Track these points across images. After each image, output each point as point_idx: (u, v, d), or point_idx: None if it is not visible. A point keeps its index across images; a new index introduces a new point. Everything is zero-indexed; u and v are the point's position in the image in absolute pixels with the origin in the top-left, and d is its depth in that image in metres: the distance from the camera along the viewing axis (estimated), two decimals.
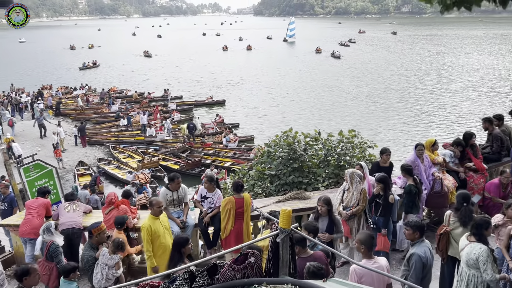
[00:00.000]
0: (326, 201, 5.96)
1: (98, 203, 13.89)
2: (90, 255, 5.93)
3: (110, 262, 5.82)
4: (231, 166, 20.81)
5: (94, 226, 6.02)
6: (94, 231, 5.94)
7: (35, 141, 24.99)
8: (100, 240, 5.99)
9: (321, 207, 5.95)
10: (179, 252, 4.96)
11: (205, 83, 46.59)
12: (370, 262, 4.63)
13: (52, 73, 54.96)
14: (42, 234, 6.39)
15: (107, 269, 5.81)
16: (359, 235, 4.89)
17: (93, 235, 5.97)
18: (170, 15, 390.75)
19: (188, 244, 5.05)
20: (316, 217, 6.07)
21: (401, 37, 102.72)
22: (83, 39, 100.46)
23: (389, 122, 29.37)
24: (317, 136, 9.46)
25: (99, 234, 5.95)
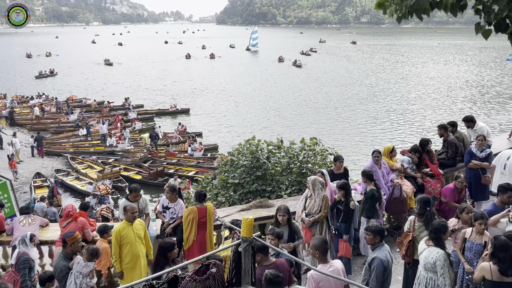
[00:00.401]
0: (287, 210, 5.90)
1: (56, 216, 13.45)
2: (64, 264, 5.70)
3: (85, 270, 5.60)
4: (194, 175, 20.62)
5: (69, 235, 5.81)
6: (68, 239, 5.72)
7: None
8: (74, 250, 5.78)
9: (282, 217, 5.87)
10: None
11: (168, 92, 46.12)
12: (326, 266, 4.67)
13: (6, 82, 52.83)
14: (18, 245, 6.18)
15: (81, 278, 5.58)
16: (312, 241, 4.92)
17: (67, 244, 5.73)
18: (131, 23, 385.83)
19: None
20: (276, 226, 5.97)
21: (360, 46, 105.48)
22: (40, 47, 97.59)
23: (349, 129, 30.01)
24: (279, 144, 9.53)
25: (73, 243, 5.73)
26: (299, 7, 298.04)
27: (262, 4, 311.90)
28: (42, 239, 7.12)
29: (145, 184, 20.08)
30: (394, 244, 6.98)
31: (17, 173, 20.64)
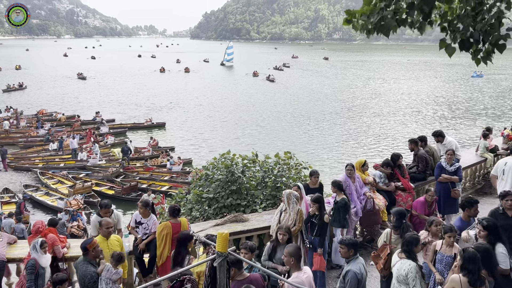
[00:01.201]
0: (288, 230, 5.76)
1: (24, 233, 13.06)
2: (94, 271, 5.66)
3: (115, 276, 5.66)
4: (168, 190, 20.42)
5: (88, 241, 5.77)
6: (89, 246, 5.66)
7: None
8: (96, 255, 5.73)
9: (282, 236, 5.68)
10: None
11: (143, 106, 45.69)
12: (300, 273, 4.73)
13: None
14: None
15: (111, 284, 5.65)
16: (287, 248, 4.94)
17: (88, 251, 5.67)
18: (103, 37, 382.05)
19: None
20: (275, 245, 5.83)
21: (333, 62, 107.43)
22: (10, 60, 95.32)
23: (323, 144, 30.38)
24: (254, 158, 9.55)
25: (94, 249, 5.69)
26: (273, 23, 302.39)
27: (236, 20, 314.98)
28: (10, 257, 6.90)
29: (118, 199, 19.75)
30: (367, 257, 7.07)
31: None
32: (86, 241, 5.87)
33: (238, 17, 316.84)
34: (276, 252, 5.77)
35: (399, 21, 3.04)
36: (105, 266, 5.71)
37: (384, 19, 3.00)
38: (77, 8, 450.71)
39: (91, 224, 7.07)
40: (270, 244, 5.95)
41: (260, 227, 7.45)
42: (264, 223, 7.52)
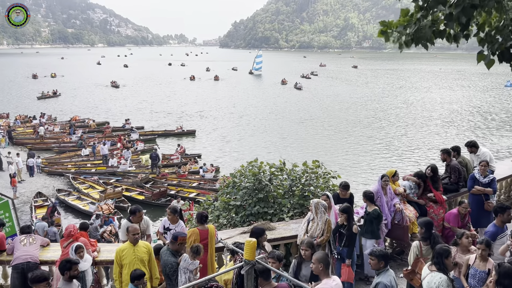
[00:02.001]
0: (310, 244, 5.58)
1: (56, 236, 13.37)
2: (174, 261, 5.96)
3: (191, 267, 5.88)
4: (196, 196, 20.58)
5: (182, 234, 6.09)
6: (180, 239, 5.96)
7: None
8: (179, 249, 6.03)
9: (304, 251, 5.55)
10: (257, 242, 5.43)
11: (173, 113, 46.33)
12: (329, 280, 4.67)
13: (11, 101, 53.33)
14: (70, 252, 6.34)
15: (188, 273, 5.87)
16: (315, 255, 4.87)
17: (176, 242, 5.95)
18: (135, 45, 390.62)
19: (264, 234, 5.86)
20: (299, 262, 5.71)
21: (362, 70, 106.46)
22: (46, 68, 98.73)
23: (352, 153, 30.00)
24: (282, 166, 9.51)
25: (181, 244, 5.99)
26: (302, 32, 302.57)
27: (265, 29, 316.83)
28: (43, 259, 7.08)
29: (147, 204, 20.05)
30: (396, 270, 6.92)
31: (17, 191, 20.62)
32: (180, 233, 6.14)
33: (267, 25, 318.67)
34: (301, 269, 5.68)
35: (436, 32, 2.97)
36: (183, 256, 5.94)
37: (422, 30, 2.94)
38: (111, 18, 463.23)
39: (121, 229, 7.18)
40: (295, 261, 5.88)
41: (287, 236, 7.40)
42: (291, 232, 7.47)
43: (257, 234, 5.77)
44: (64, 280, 5.58)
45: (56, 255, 7.07)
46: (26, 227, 7.65)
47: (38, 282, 5.19)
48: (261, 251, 5.69)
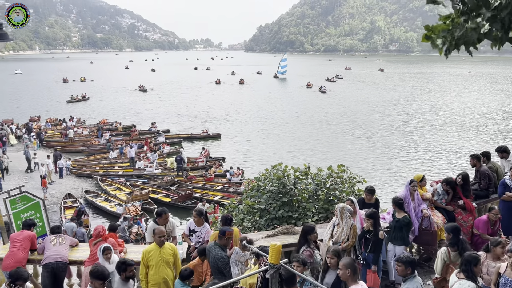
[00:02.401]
0: (336, 253, 5.46)
1: (85, 236, 13.65)
2: (224, 254, 6.06)
3: (242, 258, 6.06)
4: (220, 199, 20.70)
5: (229, 229, 6.22)
6: (228, 233, 6.09)
7: (23, 173, 24.72)
8: (226, 243, 6.14)
9: (330, 259, 5.45)
10: (305, 238, 6.00)
11: (199, 117, 46.78)
12: (357, 286, 4.63)
13: (41, 105, 54.92)
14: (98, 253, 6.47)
15: (240, 265, 6.05)
16: (342, 261, 4.82)
17: (224, 236, 6.07)
18: (162, 50, 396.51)
19: (314, 232, 6.03)
20: (325, 269, 5.65)
21: (389, 74, 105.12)
22: (76, 72, 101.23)
23: (377, 157, 29.61)
24: (306, 170, 9.46)
25: (228, 238, 6.11)
26: (327, 35, 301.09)
27: (290, 32, 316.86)
28: (72, 259, 7.26)
29: (173, 207, 20.29)
30: (423, 276, 6.79)
31: (47, 192, 21.17)
32: (226, 228, 6.25)
33: (292, 29, 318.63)
34: (324, 276, 5.63)
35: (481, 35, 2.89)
36: (234, 249, 6.09)
37: (467, 35, 2.87)
38: (138, 23, 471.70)
39: (147, 231, 7.29)
40: (320, 268, 5.85)
41: None
42: None
43: (307, 232, 5.96)
44: (121, 279, 5.73)
45: (85, 255, 7.25)
46: (56, 228, 7.86)
47: (98, 278, 5.27)
48: (308, 249, 5.79)
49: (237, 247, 6.07)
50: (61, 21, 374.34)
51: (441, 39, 2.99)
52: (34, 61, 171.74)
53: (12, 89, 72.35)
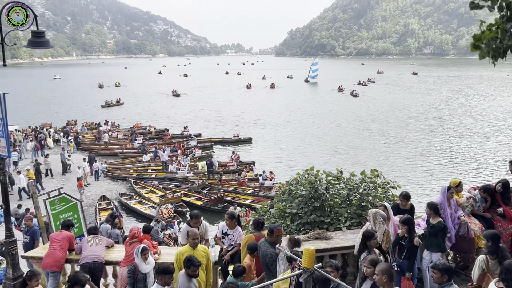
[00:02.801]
0: (373, 262, 5.28)
1: (119, 238, 13.93)
2: (273, 251, 6.13)
3: None
4: (251, 203, 20.76)
5: (278, 227, 6.30)
6: (276, 231, 6.18)
7: (60, 175, 25.53)
8: (276, 241, 6.21)
9: (367, 268, 5.29)
10: (365, 244, 5.89)
11: (230, 121, 47.13)
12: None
13: (78, 109, 56.65)
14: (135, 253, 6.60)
15: (287, 264, 5.98)
16: (378, 266, 4.74)
17: (273, 234, 6.17)
18: (194, 55, 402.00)
19: (374, 238, 5.88)
20: (362, 277, 5.57)
21: (423, 77, 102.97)
22: (111, 78, 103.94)
23: (412, 162, 28.97)
24: (339, 175, 9.36)
25: (277, 236, 6.18)
26: (359, 38, 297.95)
27: (321, 36, 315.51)
28: (107, 259, 7.45)
29: (205, 210, 20.51)
30: (460, 285, 6.60)
31: (83, 194, 21.79)
32: (275, 226, 6.33)
33: (323, 33, 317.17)
34: (361, 286, 5.53)
35: None
36: (282, 247, 6.00)
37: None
38: (171, 29, 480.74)
39: (181, 233, 7.39)
40: (358, 276, 5.79)
41: (344, 246, 7.28)
42: (348, 242, 7.35)
43: (367, 237, 5.86)
44: (186, 276, 5.79)
45: (120, 256, 7.42)
46: (93, 228, 8.09)
47: (165, 273, 5.43)
48: (368, 254, 5.74)
49: (285, 245, 6.00)
50: (97, 28, 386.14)
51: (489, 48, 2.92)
52: (71, 67, 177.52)
53: (51, 94, 75.07)
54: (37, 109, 55.78)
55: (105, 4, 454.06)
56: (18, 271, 7.55)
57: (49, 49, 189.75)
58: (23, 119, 43.65)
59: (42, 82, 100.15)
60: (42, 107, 58.59)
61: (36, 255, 7.90)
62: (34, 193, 8.91)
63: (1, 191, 7.97)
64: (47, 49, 7.64)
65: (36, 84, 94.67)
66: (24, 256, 8.27)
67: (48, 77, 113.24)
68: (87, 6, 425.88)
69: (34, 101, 64.60)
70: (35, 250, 8.39)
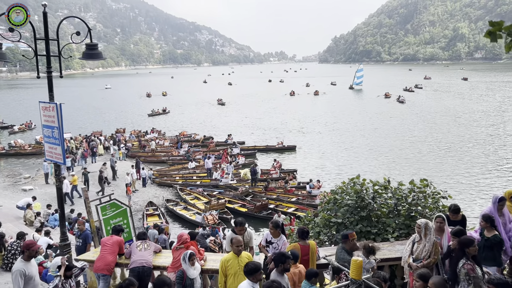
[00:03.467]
0: (422, 276, 5.17)
1: (166, 243, 14.22)
2: (348, 259, 6.04)
3: (368, 266, 6.02)
4: (295, 212, 20.64)
5: (350, 231, 6.45)
6: (351, 236, 6.30)
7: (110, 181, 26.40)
8: (353, 247, 6.32)
9: (415, 282, 5.22)
10: (463, 251, 5.57)
11: (274, 128, 47.20)
12: None
13: (126, 117, 58.56)
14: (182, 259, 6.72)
15: (365, 272, 5.97)
16: (432, 279, 4.58)
17: (347, 239, 6.30)
18: (237, 64, 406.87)
19: (473, 245, 5.55)
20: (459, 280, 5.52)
21: (474, 83, 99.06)
22: (157, 87, 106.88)
23: (464, 171, 27.77)
24: (386, 184, 9.15)
25: (353, 240, 6.31)
26: (406, 44, 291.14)
27: (366, 42, 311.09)
28: (155, 264, 7.63)
29: (249, 217, 20.61)
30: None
31: (131, 199, 22.44)
32: (348, 231, 6.41)
33: (368, 39, 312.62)
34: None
35: None
36: (355, 253, 6.10)
37: None
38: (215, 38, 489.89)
39: (226, 240, 7.46)
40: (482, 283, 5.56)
41: (392, 257, 7.10)
42: (396, 253, 7.16)
43: (465, 244, 5.59)
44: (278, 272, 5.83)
45: (167, 261, 7.59)
46: (142, 234, 8.32)
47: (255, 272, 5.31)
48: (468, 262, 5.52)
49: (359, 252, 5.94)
50: (145, 39, 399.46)
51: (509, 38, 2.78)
52: (120, 77, 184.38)
53: (101, 103, 78.16)
54: (88, 118, 58.21)
55: (153, 16, 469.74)
56: None
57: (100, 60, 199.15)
58: (76, 127, 45.72)
59: (93, 91, 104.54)
60: (93, 115, 61.12)
61: (88, 258, 8.22)
62: (87, 198, 9.29)
63: (57, 196, 8.38)
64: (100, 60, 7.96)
65: (87, 93, 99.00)
66: (76, 259, 8.62)
67: (98, 87, 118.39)
68: (135, 18, 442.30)
69: (86, 110, 67.44)
70: (87, 253, 8.73)
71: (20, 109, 67.62)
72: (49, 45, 7.78)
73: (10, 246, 11.01)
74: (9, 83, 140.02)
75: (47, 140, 7.92)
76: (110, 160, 27.24)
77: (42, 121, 7.87)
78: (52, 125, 7.64)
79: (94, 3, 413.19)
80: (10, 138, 41.47)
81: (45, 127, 7.84)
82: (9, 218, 17.24)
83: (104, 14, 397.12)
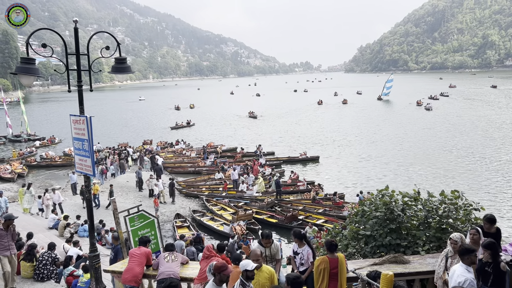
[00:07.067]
0: None
1: (195, 255, 14.26)
2: None
3: None
4: (323, 224, 20.38)
5: None
6: None
7: (137, 192, 26.77)
8: None
9: None
10: None
11: (300, 139, 47.06)
12: None
13: (153, 129, 59.25)
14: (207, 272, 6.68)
15: None
16: None
17: None
18: (263, 75, 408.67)
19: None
20: None
21: (504, 91, 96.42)
22: (184, 99, 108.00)
23: (497, 183, 26.87)
24: (416, 196, 8.96)
25: None
26: (433, 52, 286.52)
27: (392, 51, 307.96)
28: (182, 276, 7.65)
29: (279, 227, 20.50)
30: None
31: (158, 211, 22.63)
32: None
33: (395, 48, 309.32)
34: None
35: None
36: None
37: None
38: (241, 50, 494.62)
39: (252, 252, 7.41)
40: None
41: (423, 271, 6.91)
42: (427, 267, 6.97)
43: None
44: None
45: (194, 273, 7.60)
46: (170, 245, 8.36)
47: None
48: None
49: None
50: (172, 52, 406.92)
51: None
52: (148, 89, 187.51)
53: (130, 115, 79.58)
54: (117, 129, 59.37)
55: (179, 29, 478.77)
56: (101, 284, 7.98)
57: None
58: (104, 139, 46.64)
59: (122, 104, 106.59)
60: (118, 127, 62.26)
61: (117, 269, 8.31)
62: (115, 209, 9.41)
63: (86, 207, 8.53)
64: None
65: (117, 106, 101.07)
66: (105, 270, 8.74)
67: (127, 99, 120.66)
68: (162, 31, 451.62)
69: (116, 122, 68.78)
70: (116, 264, 8.82)
71: (51, 121, 69.51)
72: (80, 60, 7.99)
73: (42, 257, 11.23)
74: (41, 97, 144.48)
75: (77, 152, 8.09)
76: (137, 172, 27.61)
77: (72, 133, 8.05)
78: (83, 138, 7.80)
79: (122, 17, 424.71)
80: (40, 151, 42.44)
81: (76, 139, 8.01)
82: (40, 228, 17.66)
83: (132, 28, 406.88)
